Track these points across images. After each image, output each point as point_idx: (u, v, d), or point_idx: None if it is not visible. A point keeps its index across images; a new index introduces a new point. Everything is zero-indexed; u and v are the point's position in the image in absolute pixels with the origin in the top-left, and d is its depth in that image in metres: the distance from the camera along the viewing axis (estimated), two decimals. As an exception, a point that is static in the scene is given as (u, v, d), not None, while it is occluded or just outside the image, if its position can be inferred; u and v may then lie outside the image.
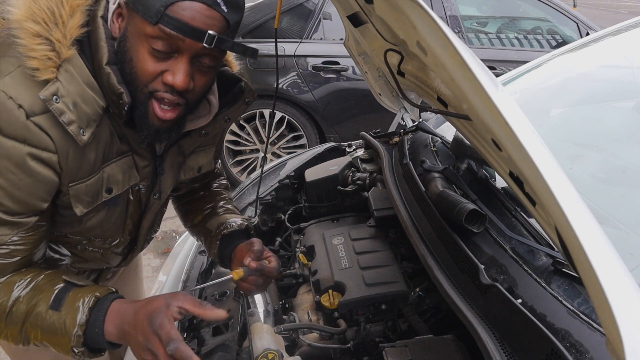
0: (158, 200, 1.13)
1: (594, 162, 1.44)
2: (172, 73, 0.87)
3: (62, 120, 0.83)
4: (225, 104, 1.08)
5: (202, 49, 0.86)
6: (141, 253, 1.43)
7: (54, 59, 0.83)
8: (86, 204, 0.96)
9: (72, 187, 0.91)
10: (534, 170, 0.57)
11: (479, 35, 4.06)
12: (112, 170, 0.97)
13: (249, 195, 1.83)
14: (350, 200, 1.75)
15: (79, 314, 0.84)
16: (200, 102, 1.00)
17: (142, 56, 0.86)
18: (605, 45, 1.92)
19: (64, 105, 0.84)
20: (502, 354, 0.84)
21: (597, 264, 0.50)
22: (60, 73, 0.84)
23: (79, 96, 0.86)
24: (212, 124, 1.08)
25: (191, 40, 0.84)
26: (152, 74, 0.87)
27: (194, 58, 0.88)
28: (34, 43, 0.82)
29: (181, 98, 0.91)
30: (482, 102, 0.66)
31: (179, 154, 1.11)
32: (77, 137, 0.86)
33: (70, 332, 0.84)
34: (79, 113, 0.86)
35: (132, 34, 0.86)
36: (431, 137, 1.65)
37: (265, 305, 1.33)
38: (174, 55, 0.87)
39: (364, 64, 1.73)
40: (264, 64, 3.68)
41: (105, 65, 0.87)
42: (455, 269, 1.07)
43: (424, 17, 0.70)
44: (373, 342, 1.20)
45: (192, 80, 0.89)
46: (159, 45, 0.85)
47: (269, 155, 3.76)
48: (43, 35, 0.83)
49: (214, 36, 0.84)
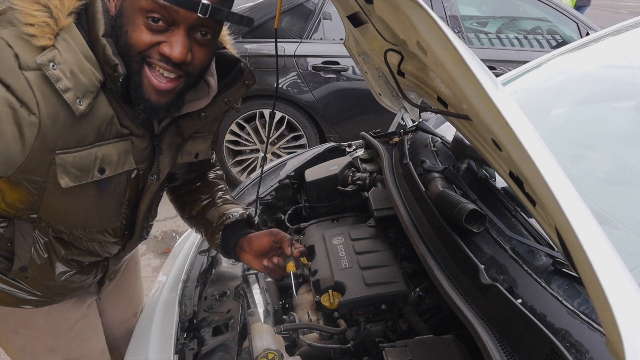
0: (156, 182, 1.12)
1: (594, 162, 1.44)
2: (169, 45, 0.87)
3: (58, 87, 0.83)
4: (224, 86, 1.08)
5: (197, 19, 0.86)
6: (139, 252, 1.43)
7: (52, 25, 0.83)
8: (73, 177, 0.93)
9: (58, 156, 0.89)
10: (534, 170, 0.57)
11: (479, 35, 4.06)
12: (108, 150, 0.96)
13: (249, 195, 1.83)
14: (350, 200, 1.75)
15: None
16: (200, 78, 1.00)
17: (138, 28, 0.87)
18: (605, 45, 1.92)
19: (61, 72, 0.83)
20: (502, 354, 0.84)
21: (597, 264, 0.50)
22: (58, 41, 0.84)
23: (77, 66, 0.85)
24: (212, 107, 1.08)
25: (185, 10, 0.84)
26: (147, 44, 0.88)
27: (190, 30, 0.88)
28: (32, 9, 0.82)
29: (179, 70, 0.91)
30: (482, 102, 0.66)
31: (177, 135, 1.10)
32: (74, 106, 0.85)
33: None
34: (75, 82, 0.85)
35: (128, 9, 0.87)
36: (431, 137, 1.65)
37: (265, 305, 1.33)
38: (170, 29, 0.87)
39: (364, 64, 1.73)
40: (264, 64, 3.68)
41: (102, 37, 0.87)
42: (455, 269, 1.07)
43: (424, 17, 0.70)
44: (373, 342, 1.20)
45: (190, 52, 0.90)
46: (154, 18, 0.85)
47: (269, 155, 3.76)
48: (41, 2, 0.83)
49: (208, 5, 0.84)
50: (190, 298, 1.34)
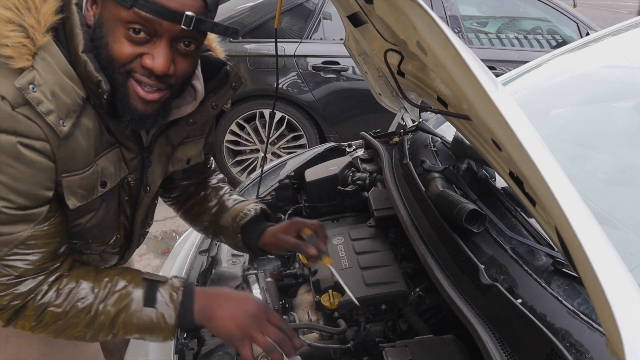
0: (148, 193, 1.10)
1: (594, 162, 1.44)
2: (151, 57, 0.85)
3: (40, 110, 0.80)
4: (211, 90, 1.06)
5: (180, 31, 0.83)
6: (136, 254, 1.42)
7: (29, 45, 0.80)
8: (80, 197, 0.93)
9: (65, 179, 0.89)
10: (533, 170, 0.57)
11: (479, 35, 4.06)
12: (104, 163, 0.94)
13: (249, 195, 1.83)
14: (350, 200, 1.75)
15: (172, 309, 0.95)
16: (185, 87, 0.98)
17: (119, 40, 0.84)
18: (605, 45, 1.92)
19: (42, 94, 0.81)
20: (502, 354, 0.84)
21: (597, 264, 0.50)
22: (37, 61, 0.81)
23: (57, 85, 0.83)
24: (199, 112, 1.06)
25: (168, 22, 0.82)
26: (129, 56, 0.85)
27: (173, 41, 0.86)
28: (7, 30, 0.79)
29: (161, 83, 0.88)
30: (482, 102, 0.66)
31: (166, 144, 1.08)
32: (57, 128, 0.83)
33: (169, 325, 0.95)
34: (57, 103, 0.83)
35: (107, 20, 0.84)
36: (431, 137, 1.64)
37: (265, 305, 1.33)
38: (152, 40, 0.85)
39: (364, 64, 1.73)
40: (264, 64, 3.68)
41: (82, 53, 0.84)
42: (455, 269, 1.07)
43: (424, 17, 0.70)
44: (373, 342, 1.20)
45: (172, 64, 0.87)
46: (136, 29, 0.82)
47: (269, 155, 3.76)
48: (15, 21, 0.80)
49: (192, 17, 0.82)
50: (190, 298, 1.34)
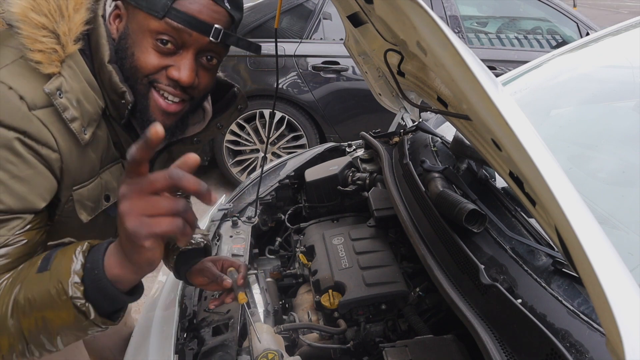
0: None
1: (594, 162, 1.44)
2: (177, 68, 0.87)
3: (65, 117, 0.81)
4: (217, 110, 1.08)
5: (207, 44, 0.86)
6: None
7: (60, 52, 0.82)
8: (90, 210, 0.93)
9: (75, 192, 0.89)
10: (533, 170, 0.57)
11: (479, 35, 4.06)
12: (107, 177, 0.95)
13: (249, 195, 1.83)
14: (350, 200, 1.75)
15: (74, 263, 0.69)
16: (202, 103, 1.00)
17: (146, 51, 0.86)
18: (605, 45, 1.92)
19: (68, 101, 0.82)
20: (502, 354, 0.84)
21: (597, 264, 0.49)
22: (64, 68, 0.83)
23: (82, 93, 0.84)
24: (204, 131, 1.08)
25: (198, 34, 0.84)
26: (155, 67, 0.87)
27: (198, 54, 0.88)
28: (39, 35, 0.80)
29: (185, 94, 0.90)
30: (482, 102, 0.66)
31: (168, 160, 1.09)
32: (80, 135, 0.84)
33: (65, 281, 0.68)
34: (82, 110, 0.84)
35: (135, 31, 0.86)
36: (431, 137, 1.64)
37: (265, 305, 1.33)
38: (178, 52, 0.87)
39: (364, 64, 1.73)
40: (264, 64, 3.68)
41: (108, 63, 0.86)
42: (455, 269, 1.07)
43: (424, 17, 0.70)
44: (373, 342, 1.20)
45: (196, 77, 0.89)
46: (164, 40, 0.84)
47: (269, 155, 3.76)
48: (49, 27, 0.81)
49: (220, 30, 0.85)
50: (190, 298, 1.34)
